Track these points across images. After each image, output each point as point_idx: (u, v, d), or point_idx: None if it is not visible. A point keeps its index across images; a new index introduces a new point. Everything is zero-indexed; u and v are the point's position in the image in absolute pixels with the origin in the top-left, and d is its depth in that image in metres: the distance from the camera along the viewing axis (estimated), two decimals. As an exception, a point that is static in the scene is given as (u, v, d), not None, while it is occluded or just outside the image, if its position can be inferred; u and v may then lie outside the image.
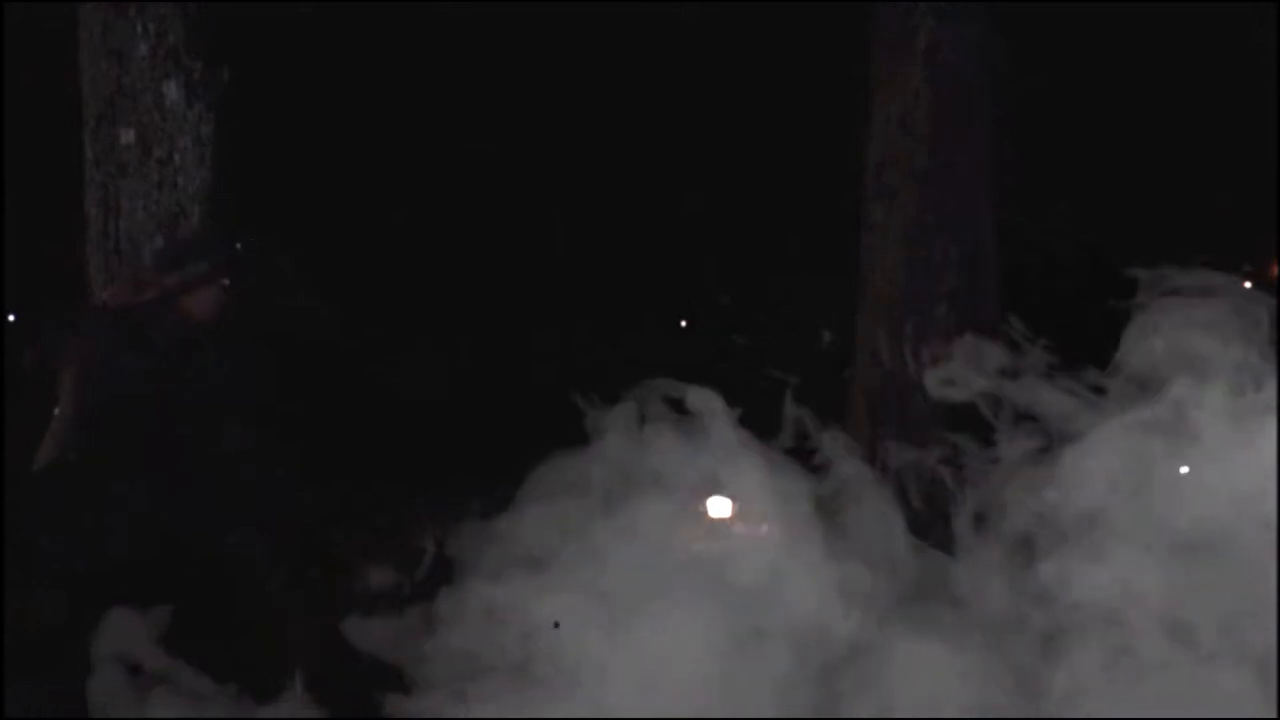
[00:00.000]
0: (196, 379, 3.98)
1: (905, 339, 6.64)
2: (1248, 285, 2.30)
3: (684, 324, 11.99)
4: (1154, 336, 2.28)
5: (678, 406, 2.53)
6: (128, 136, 5.45)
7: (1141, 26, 10.24)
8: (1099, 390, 2.35)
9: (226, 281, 4.22)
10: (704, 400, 2.50)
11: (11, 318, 9.90)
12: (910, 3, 6.92)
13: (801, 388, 2.67)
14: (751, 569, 2.38)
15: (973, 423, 2.40)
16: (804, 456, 2.74)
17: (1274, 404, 2.18)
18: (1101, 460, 2.31)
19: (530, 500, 2.43)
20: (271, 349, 4.73)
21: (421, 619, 2.40)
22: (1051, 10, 9.40)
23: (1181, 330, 2.25)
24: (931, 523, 2.84)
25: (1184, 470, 2.26)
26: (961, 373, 2.44)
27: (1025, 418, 2.38)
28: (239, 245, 4.72)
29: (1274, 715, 1.98)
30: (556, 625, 2.34)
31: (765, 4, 10.63)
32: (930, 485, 2.91)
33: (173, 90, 5.46)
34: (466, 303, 11.47)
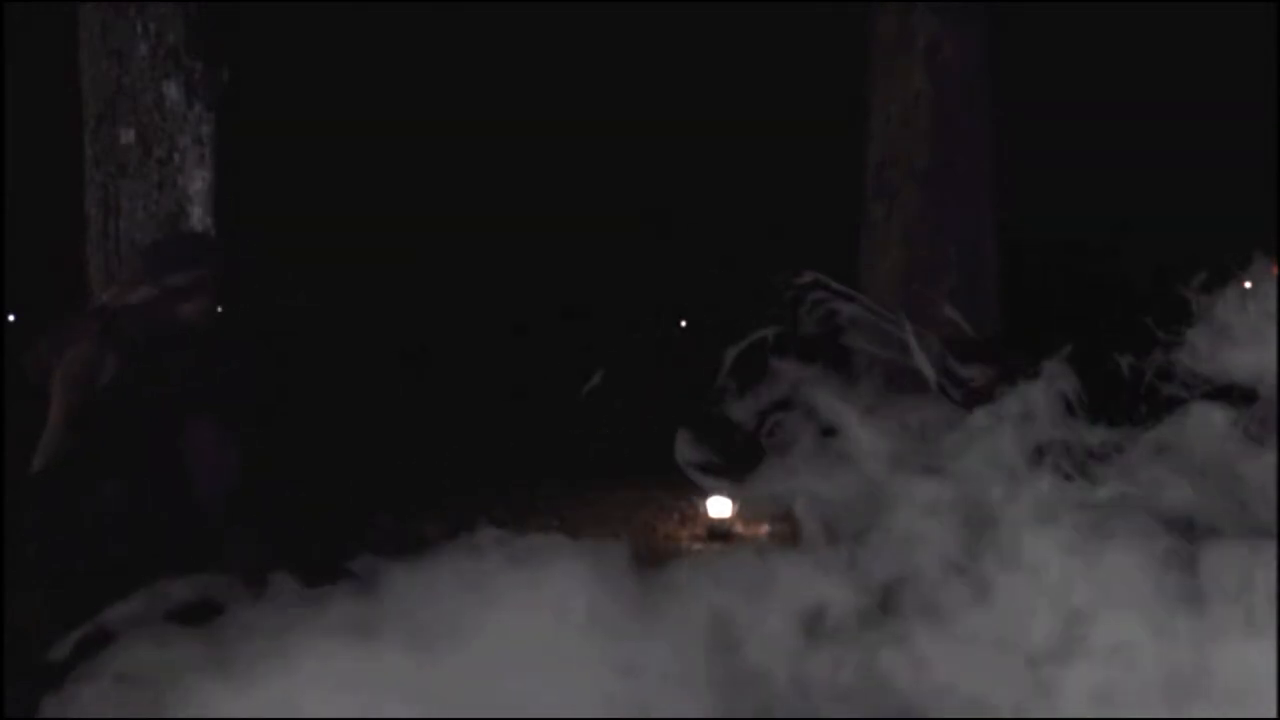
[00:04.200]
0: (177, 379, 3.96)
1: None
2: (1248, 285, 2.29)
3: (683, 324, 11.99)
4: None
5: None
6: (128, 136, 5.44)
7: (1141, 26, 10.24)
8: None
9: (218, 287, 4.21)
10: None
11: (11, 318, 9.90)
12: (910, 2, 6.92)
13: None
14: None
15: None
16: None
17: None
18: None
19: None
20: (270, 348, 4.73)
21: None
22: (1051, 10, 9.41)
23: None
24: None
25: None
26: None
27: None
28: (241, 249, 4.71)
29: (1274, 715, 1.98)
30: None
31: (766, 4, 10.65)
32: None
33: (173, 90, 5.46)
34: (464, 304, 11.47)
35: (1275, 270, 2.31)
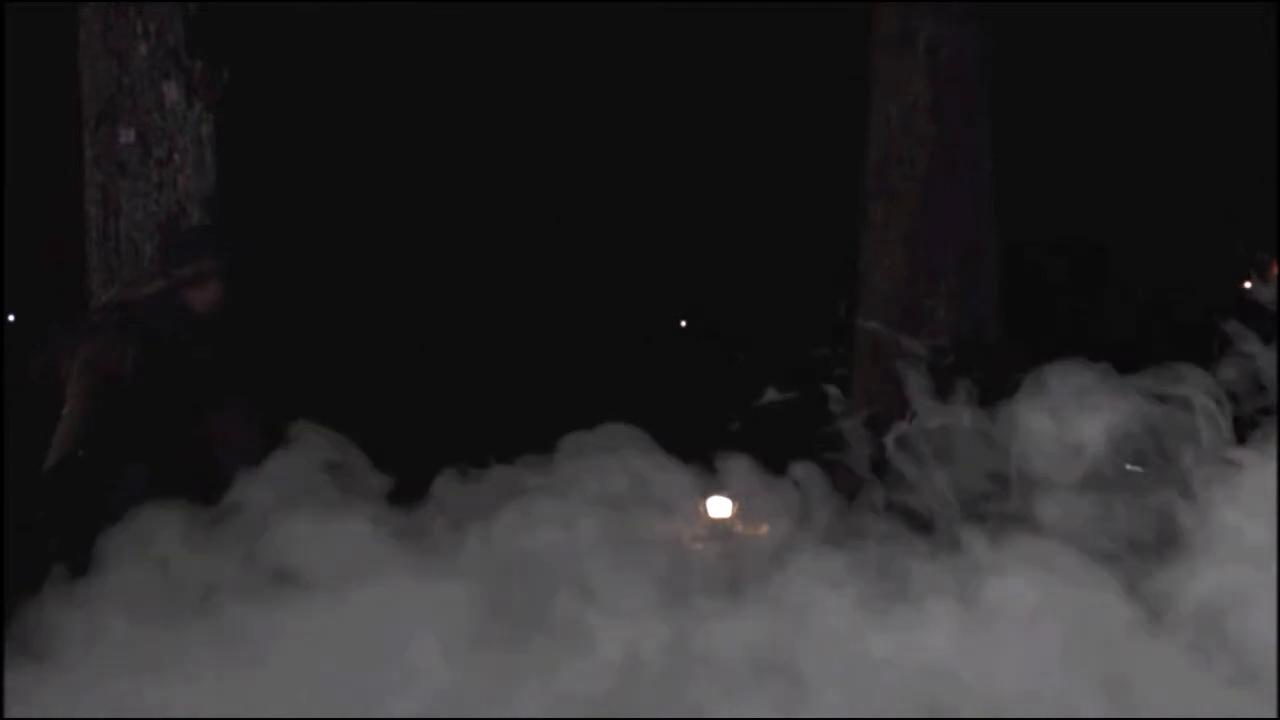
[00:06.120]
0: (197, 367, 4.04)
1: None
2: (1248, 285, 2.30)
3: (683, 324, 12.00)
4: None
5: None
6: (128, 136, 5.45)
7: (1142, 26, 10.24)
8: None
9: (229, 275, 4.30)
10: None
11: (11, 318, 9.91)
12: (910, 2, 6.92)
13: (802, 388, 2.66)
14: None
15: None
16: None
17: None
18: None
19: None
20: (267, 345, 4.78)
21: None
22: (1051, 10, 9.41)
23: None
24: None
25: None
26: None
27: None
28: (242, 246, 4.76)
29: (1274, 715, 1.98)
30: None
31: (766, 4, 10.64)
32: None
33: (173, 90, 5.46)
34: (464, 304, 11.48)
35: (1275, 270, 2.31)
